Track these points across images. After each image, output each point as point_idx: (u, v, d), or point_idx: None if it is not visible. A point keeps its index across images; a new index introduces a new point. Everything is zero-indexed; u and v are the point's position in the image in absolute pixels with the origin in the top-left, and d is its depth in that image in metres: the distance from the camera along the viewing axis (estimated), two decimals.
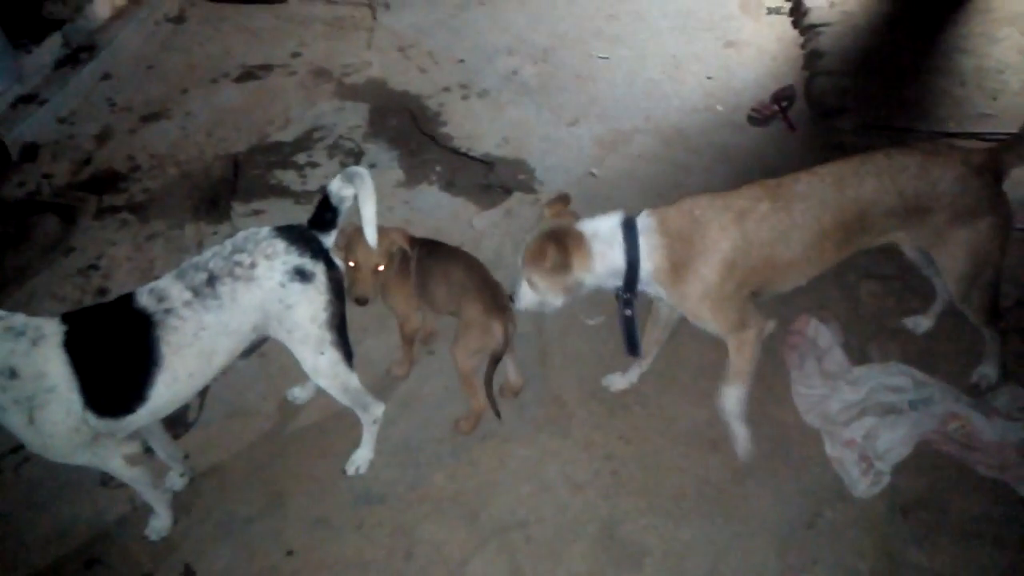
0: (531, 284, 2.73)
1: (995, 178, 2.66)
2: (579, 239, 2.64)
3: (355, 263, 2.88)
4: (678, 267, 2.62)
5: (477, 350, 2.94)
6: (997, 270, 2.79)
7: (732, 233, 2.59)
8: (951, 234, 2.69)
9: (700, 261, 2.60)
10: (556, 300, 2.76)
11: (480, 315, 2.87)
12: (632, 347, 2.93)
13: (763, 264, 2.66)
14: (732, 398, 2.87)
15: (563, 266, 2.61)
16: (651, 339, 3.15)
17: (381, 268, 2.90)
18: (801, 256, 2.68)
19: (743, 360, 2.79)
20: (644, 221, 2.65)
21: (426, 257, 3.02)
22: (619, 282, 2.69)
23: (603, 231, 2.65)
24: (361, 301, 2.90)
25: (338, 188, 2.62)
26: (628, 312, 2.79)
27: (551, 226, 2.70)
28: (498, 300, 2.91)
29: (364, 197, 2.63)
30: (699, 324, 2.78)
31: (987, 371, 3.10)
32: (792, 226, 2.62)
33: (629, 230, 2.63)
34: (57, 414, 2.27)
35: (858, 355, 3.27)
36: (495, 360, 2.93)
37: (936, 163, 2.62)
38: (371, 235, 2.73)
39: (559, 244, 2.59)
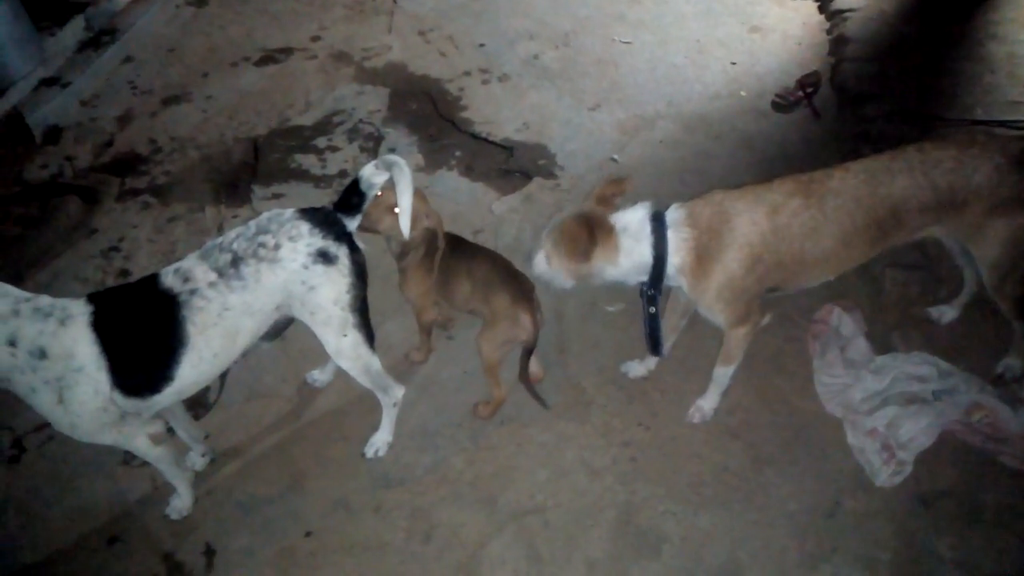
0: (548, 259, 2.73)
1: None
2: (609, 232, 2.61)
3: (382, 194, 2.79)
4: (704, 260, 2.60)
5: (504, 342, 2.94)
6: None
7: (763, 227, 2.57)
8: (989, 225, 2.64)
9: (727, 253, 2.58)
10: (565, 283, 2.76)
11: (508, 307, 2.86)
12: (655, 346, 2.90)
13: (791, 260, 2.63)
14: (722, 375, 2.97)
15: (584, 256, 2.60)
16: (669, 326, 3.13)
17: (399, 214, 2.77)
18: (831, 252, 2.66)
19: (738, 349, 2.87)
20: (673, 215, 2.63)
21: (449, 255, 3.00)
22: (644, 277, 2.67)
23: (632, 225, 2.62)
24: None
25: (371, 174, 2.60)
26: (652, 310, 2.76)
27: (586, 212, 2.66)
28: (525, 291, 2.90)
29: (401, 188, 2.60)
30: (708, 315, 2.78)
31: (1013, 362, 3.06)
32: (824, 222, 2.59)
33: (658, 224, 2.60)
34: (85, 394, 2.30)
35: (881, 344, 3.23)
36: (528, 351, 2.92)
37: (971, 155, 2.57)
38: (405, 225, 2.69)
39: (590, 233, 2.57)
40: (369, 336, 2.73)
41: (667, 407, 3.15)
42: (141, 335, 2.38)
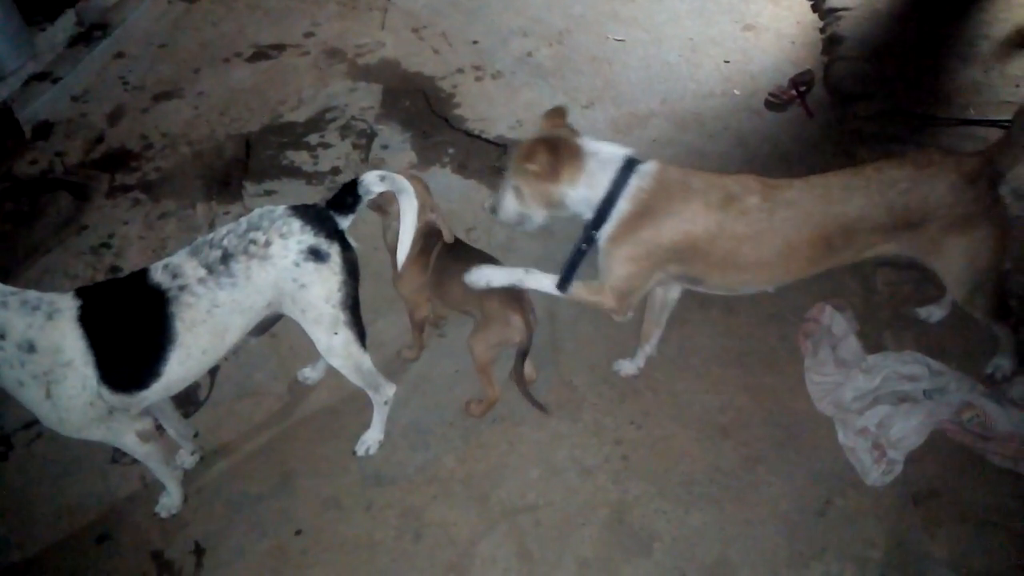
0: (516, 192, 2.71)
1: (989, 184, 2.58)
2: (576, 151, 2.61)
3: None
4: (641, 216, 2.59)
5: (496, 344, 2.93)
6: (999, 273, 2.74)
7: (712, 215, 2.57)
8: (947, 243, 2.64)
9: (666, 221, 2.57)
10: (537, 215, 2.74)
11: (500, 309, 2.85)
12: (564, 281, 2.75)
13: (725, 256, 2.62)
14: (516, 279, 2.79)
15: (552, 174, 2.59)
16: (650, 322, 3.13)
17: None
18: (768, 262, 2.65)
19: (584, 298, 2.76)
20: (648, 166, 2.63)
21: (445, 255, 3.00)
22: (591, 214, 2.66)
23: (604, 155, 2.62)
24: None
25: (371, 182, 2.59)
26: (584, 247, 2.71)
27: (547, 132, 2.65)
28: (517, 294, 2.89)
29: (406, 216, 2.60)
30: (602, 261, 2.72)
31: (1002, 362, 3.06)
32: (769, 230, 2.57)
33: (627, 167, 2.60)
34: (73, 388, 2.28)
35: (873, 343, 3.24)
36: (523, 354, 2.91)
37: (927, 175, 2.56)
38: (402, 256, 2.68)
39: (552, 149, 2.57)
40: (360, 334, 2.72)
41: (659, 406, 3.15)
42: (129, 330, 2.36)
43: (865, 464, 2.85)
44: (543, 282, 2.78)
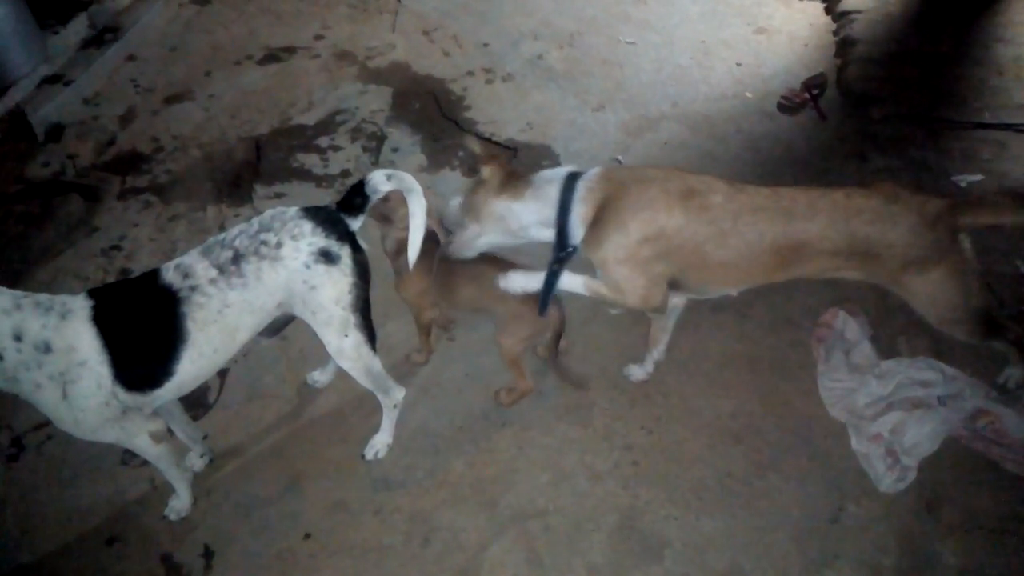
0: (465, 202, 2.80)
1: (948, 229, 2.56)
2: (524, 176, 2.75)
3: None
4: (604, 212, 2.62)
5: (528, 337, 2.94)
6: (967, 305, 2.71)
7: (674, 203, 2.58)
8: (905, 280, 2.64)
9: (629, 212, 2.59)
10: (471, 229, 2.80)
11: (532, 304, 2.84)
12: (542, 305, 2.82)
13: (693, 253, 2.63)
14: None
15: (499, 186, 2.71)
16: (657, 327, 3.12)
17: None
18: (731, 264, 2.65)
19: (610, 299, 2.78)
20: (592, 171, 2.70)
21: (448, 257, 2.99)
22: (551, 231, 2.71)
23: (548, 174, 2.75)
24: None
25: (379, 182, 2.58)
26: (555, 267, 2.75)
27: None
28: None
29: (415, 216, 2.60)
30: (609, 283, 2.74)
31: (1013, 371, 3.03)
32: (732, 232, 2.58)
33: (572, 176, 2.68)
34: (89, 388, 2.29)
35: (887, 349, 3.21)
36: (556, 339, 2.94)
37: (892, 211, 2.55)
38: (414, 255, 2.67)
39: (504, 168, 2.72)
40: (371, 336, 2.71)
41: (670, 411, 3.13)
42: (142, 330, 2.37)
43: (878, 470, 2.83)
44: (575, 283, 2.81)
